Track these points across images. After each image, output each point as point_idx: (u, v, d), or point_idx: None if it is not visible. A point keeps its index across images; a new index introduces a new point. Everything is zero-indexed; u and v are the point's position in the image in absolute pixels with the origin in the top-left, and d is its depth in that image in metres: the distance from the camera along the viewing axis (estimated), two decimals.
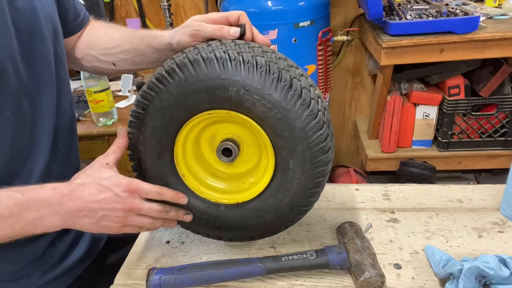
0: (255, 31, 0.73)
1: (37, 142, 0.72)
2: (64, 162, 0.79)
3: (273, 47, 0.73)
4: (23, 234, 0.62)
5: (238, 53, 0.61)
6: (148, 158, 0.69)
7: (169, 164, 0.70)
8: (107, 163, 0.67)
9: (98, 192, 0.63)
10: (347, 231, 0.74)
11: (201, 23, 0.71)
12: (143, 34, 0.82)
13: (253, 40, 0.72)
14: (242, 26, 0.70)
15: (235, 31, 0.69)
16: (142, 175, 0.71)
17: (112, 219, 0.64)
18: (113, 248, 0.95)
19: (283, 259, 0.69)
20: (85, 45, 0.89)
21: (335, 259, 0.68)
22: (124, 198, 0.63)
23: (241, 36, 0.70)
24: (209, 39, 0.70)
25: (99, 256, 0.91)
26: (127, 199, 0.64)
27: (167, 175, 0.71)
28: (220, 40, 0.67)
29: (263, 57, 0.62)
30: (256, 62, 0.60)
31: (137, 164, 0.71)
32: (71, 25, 0.86)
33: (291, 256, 0.69)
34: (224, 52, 0.61)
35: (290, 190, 0.68)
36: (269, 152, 0.67)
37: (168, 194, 0.69)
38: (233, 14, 0.71)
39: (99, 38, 0.88)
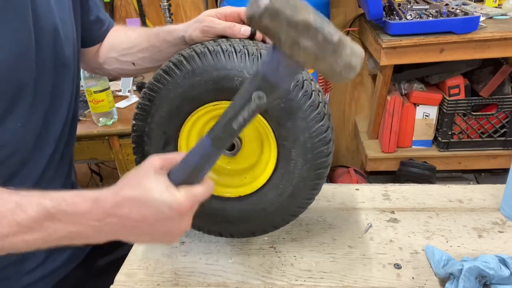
0: None
1: (38, 150, 0.73)
2: (57, 167, 0.80)
3: None
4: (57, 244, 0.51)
5: (243, 46, 0.63)
6: (153, 149, 0.70)
7: None
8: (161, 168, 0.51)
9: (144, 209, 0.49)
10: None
11: (213, 19, 0.70)
12: (158, 30, 0.82)
13: (263, 41, 0.69)
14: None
15: (245, 30, 0.68)
16: None
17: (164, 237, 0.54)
18: (102, 251, 0.92)
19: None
20: (106, 49, 0.90)
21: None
22: (179, 220, 0.52)
23: (252, 36, 0.69)
24: (219, 36, 0.69)
25: (87, 258, 0.90)
26: (181, 220, 0.53)
27: None
28: (227, 38, 0.68)
29: (266, 50, 0.63)
30: (261, 54, 0.62)
31: (140, 157, 0.72)
32: (96, 35, 0.88)
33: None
34: (230, 45, 0.63)
35: (292, 181, 0.68)
36: (272, 143, 0.68)
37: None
38: None
39: (118, 40, 0.89)
